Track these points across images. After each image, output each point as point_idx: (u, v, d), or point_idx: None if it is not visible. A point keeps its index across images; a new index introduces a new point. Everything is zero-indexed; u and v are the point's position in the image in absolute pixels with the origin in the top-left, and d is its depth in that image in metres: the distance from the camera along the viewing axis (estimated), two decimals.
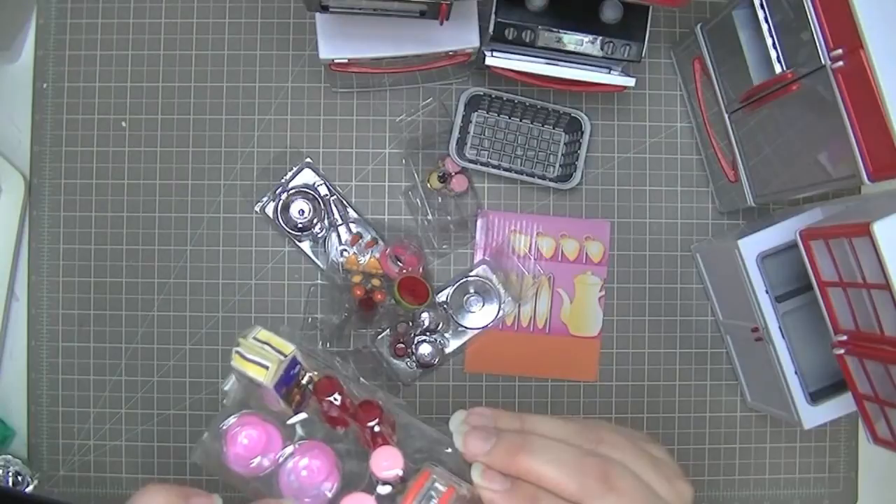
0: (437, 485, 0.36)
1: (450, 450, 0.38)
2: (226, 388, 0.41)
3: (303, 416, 0.40)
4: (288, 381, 0.39)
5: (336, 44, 0.60)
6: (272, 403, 0.40)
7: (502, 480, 0.35)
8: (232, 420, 0.40)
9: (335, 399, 0.39)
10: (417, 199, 0.71)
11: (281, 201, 0.70)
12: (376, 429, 0.38)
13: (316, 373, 0.41)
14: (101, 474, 0.71)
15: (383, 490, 0.37)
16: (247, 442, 0.39)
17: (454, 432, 0.37)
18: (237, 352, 0.38)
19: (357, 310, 0.69)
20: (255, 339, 0.39)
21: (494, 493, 0.34)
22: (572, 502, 0.34)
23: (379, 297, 0.69)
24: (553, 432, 0.37)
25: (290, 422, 0.40)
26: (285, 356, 0.38)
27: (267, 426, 0.39)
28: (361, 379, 0.42)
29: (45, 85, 0.72)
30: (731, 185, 0.68)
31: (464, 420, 0.37)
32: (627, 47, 0.61)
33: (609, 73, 0.63)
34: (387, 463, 0.36)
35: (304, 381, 0.40)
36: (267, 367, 0.37)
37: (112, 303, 0.71)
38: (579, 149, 0.70)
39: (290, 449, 0.39)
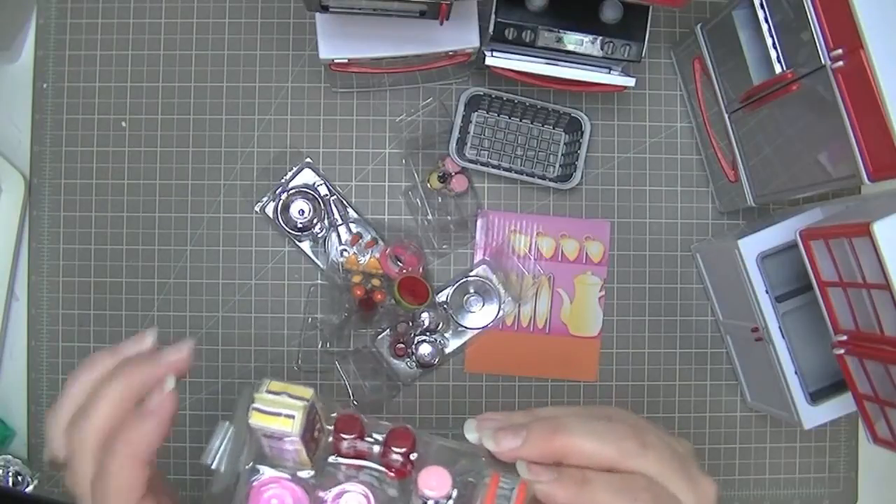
0: (508, 487, 0.35)
1: (483, 458, 0.37)
2: (214, 450, 0.38)
3: (332, 458, 0.39)
4: (309, 429, 0.37)
5: (336, 44, 0.60)
6: (286, 458, 0.38)
7: (548, 471, 0.35)
8: (261, 477, 0.38)
9: (355, 438, 0.37)
10: (417, 199, 0.71)
11: (281, 201, 0.70)
12: (412, 456, 0.37)
13: (333, 413, 0.39)
14: None
15: None
16: None
17: (484, 438, 0.37)
18: (255, 408, 0.36)
19: (357, 310, 0.69)
20: (268, 391, 0.36)
21: (544, 484, 0.35)
22: (612, 467, 0.35)
23: (379, 297, 0.69)
24: (572, 410, 0.38)
25: (330, 460, 0.38)
26: (307, 400, 0.36)
27: (297, 491, 0.37)
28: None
29: (45, 85, 0.72)
30: (731, 185, 0.68)
31: (478, 425, 0.37)
32: (627, 47, 0.61)
33: (609, 73, 0.63)
34: (436, 483, 0.35)
35: (320, 425, 0.39)
36: (293, 417, 0.35)
37: (112, 303, 0.71)
38: (579, 149, 0.70)
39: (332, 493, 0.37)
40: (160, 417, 0.39)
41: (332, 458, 0.38)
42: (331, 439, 0.38)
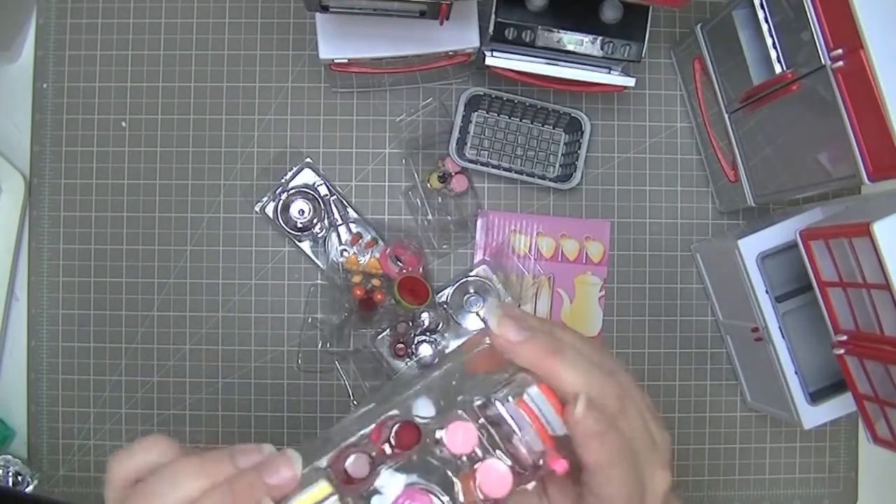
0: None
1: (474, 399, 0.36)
2: None
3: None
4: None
5: (336, 44, 0.60)
6: None
7: (518, 330, 0.35)
8: None
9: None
10: (417, 199, 0.71)
11: (281, 201, 0.70)
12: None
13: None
14: (101, 474, 0.71)
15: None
16: None
17: (489, 313, 0.36)
18: None
19: (357, 310, 0.69)
20: None
21: (511, 343, 0.34)
22: None
23: (379, 297, 0.69)
24: (579, 345, 0.37)
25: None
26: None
27: None
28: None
29: (45, 85, 0.72)
30: (731, 185, 0.68)
31: (499, 309, 0.37)
32: (627, 47, 0.61)
33: (609, 73, 0.63)
34: (463, 436, 0.34)
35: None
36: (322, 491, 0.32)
37: (112, 303, 0.71)
38: (579, 149, 0.70)
39: None
40: None
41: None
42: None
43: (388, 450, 0.34)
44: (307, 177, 0.71)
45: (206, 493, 0.32)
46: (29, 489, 0.68)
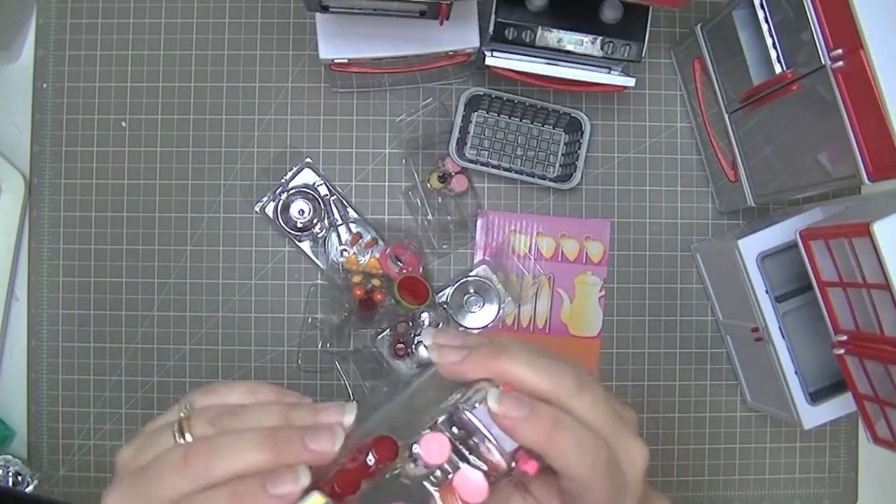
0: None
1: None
2: None
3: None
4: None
5: (336, 44, 0.60)
6: None
7: (457, 352, 0.35)
8: None
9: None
10: (417, 199, 0.71)
11: (281, 201, 0.70)
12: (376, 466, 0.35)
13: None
14: (101, 474, 0.71)
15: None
16: None
17: (429, 347, 0.37)
18: None
19: (357, 310, 0.69)
20: None
21: (513, 420, 0.34)
22: (548, 401, 0.35)
23: (379, 297, 0.69)
24: (520, 344, 0.37)
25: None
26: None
27: None
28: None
29: (45, 85, 0.72)
30: (731, 185, 0.68)
31: (434, 339, 0.37)
32: (627, 47, 0.61)
33: (609, 73, 0.63)
34: (438, 447, 0.34)
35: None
36: None
37: (112, 303, 0.71)
38: (579, 149, 0.70)
39: None
40: None
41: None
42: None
43: (370, 462, 0.34)
44: (307, 177, 0.71)
45: (251, 440, 0.33)
46: (29, 489, 0.68)
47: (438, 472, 0.34)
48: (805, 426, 0.61)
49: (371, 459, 0.34)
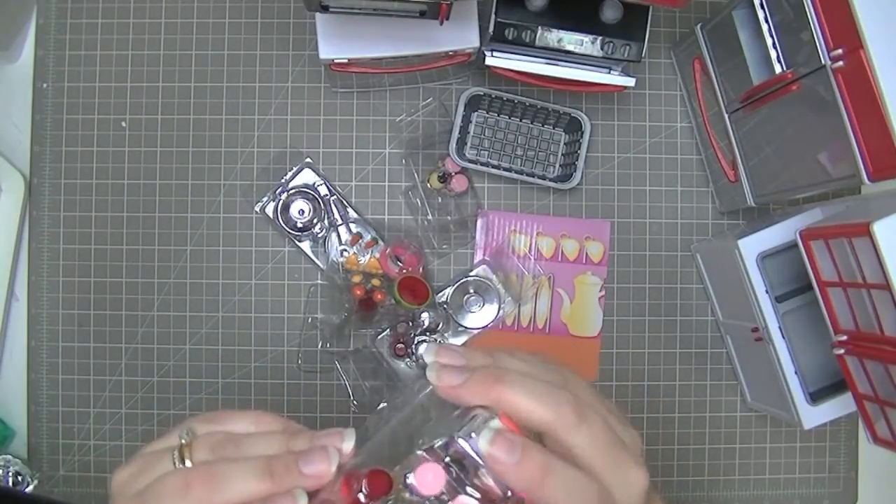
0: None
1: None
2: None
3: None
4: None
5: (336, 44, 0.60)
6: None
7: (457, 375, 0.35)
8: None
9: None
10: (417, 199, 0.71)
11: (281, 201, 0.70)
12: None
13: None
14: (101, 474, 0.71)
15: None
16: None
17: (428, 367, 0.36)
18: None
19: (357, 310, 0.69)
20: None
21: (504, 465, 0.34)
22: (544, 432, 0.35)
23: (379, 297, 0.69)
24: (523, 367, 0.37)
25: None
26: None
27: None
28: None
29: (45, 85, 0.72)
30: (731, 185, 0.68)
31: (435, 357, 0.37)
32: (627, 47, 0.61)
33: (609, 73, 0.63)
34: (433, 477, 0.34)
35: None
36: None
37: (112, 303, 0.71)
38: (579, 149, 0.70)
39: None
40: None
41: None
42: None
43: (361, 499, 0.34)
44: (307, 177, 0.71)
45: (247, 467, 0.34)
46: (29, 489, 0.68)
47: (435, 500, 0.34)
48: (805, 426, 0.61)
49: (362, 496, 0.34)
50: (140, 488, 0.35)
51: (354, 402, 0.71)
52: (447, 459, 0.34)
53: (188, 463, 0.35)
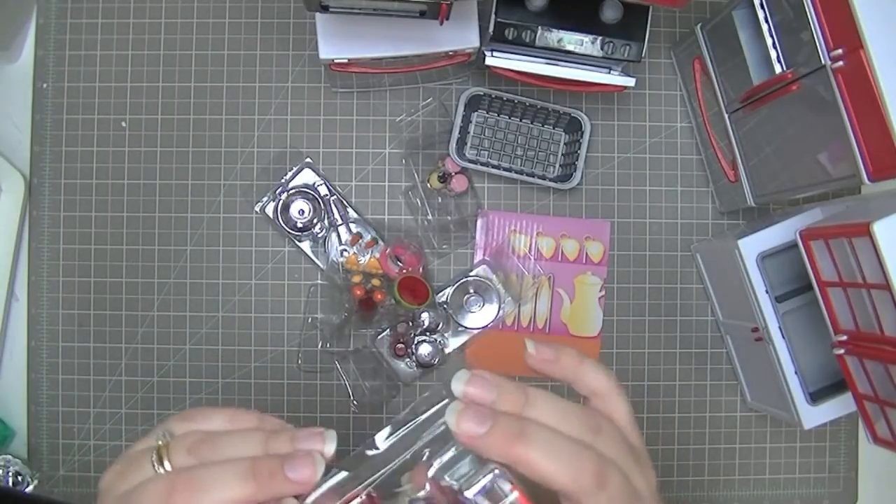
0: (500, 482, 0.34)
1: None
2: None
3: None
4: None
5: (336, 44, 0.60)
6: None
7: (480, 421, 0.34)
8: None
9: None
10: (417, 199, 0.71)
11: (281, 201, 0.70)
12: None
13: None
14: (100, 474, 0.70)
15: None
16: None
17: (449, 411, 0.35)
18: None
19: (357, 310, 0.69)
20: None
21: (474, 438, 0.33)
22: (560, 493, 0.34)
23: (379, 297, 0.69)
24: (554, 415, 0.36)
25: None
26: None
27: None
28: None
29: (45, 85, 0.72)
30: (731, 185, 0.68)
31: (465, 387, 0.36)
32: (627, 47, 0.61)
33: (609, 73, 0.63)
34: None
35: None
36: None
37: (112, 303, 0.71)
38: (579, 149, 0.70)
39: None
40: None
41: None
42: None
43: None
44: (307, 177, 0.71)
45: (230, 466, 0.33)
46: (29, 489, 0.68)
47: None
48: (805, 426, 0.61)
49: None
50: (125, 490, 0.34)
51: (354, 402, 0.71)
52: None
53: (166, 464, 0.34)
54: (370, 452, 0.36)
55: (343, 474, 0.35)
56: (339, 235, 0.70)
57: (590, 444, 0.35)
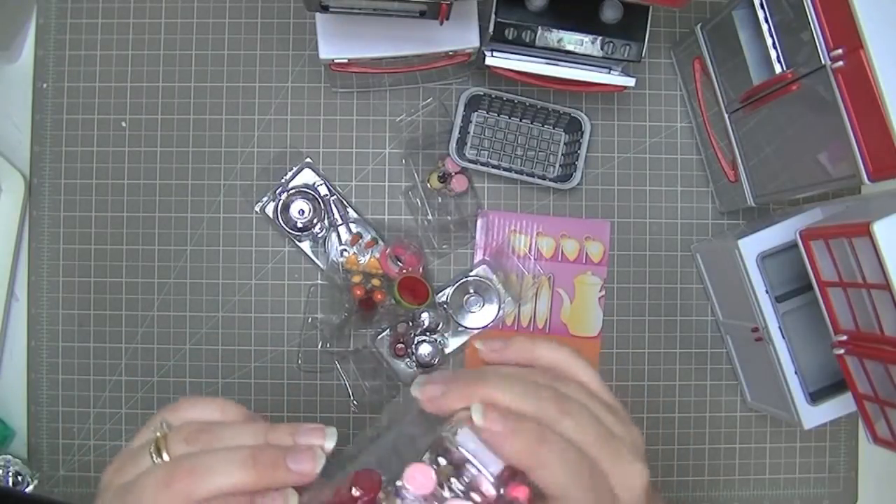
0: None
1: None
2: None
3: None
4: None
5: (336, 44, 0.60)
6: None
7: (503, 420, 0.34)
8: None
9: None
10: (417, 199, 0.71)
11: (281, 201, 0.70)
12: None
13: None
14: (100, 474, 0.71)
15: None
16: None
17: (412, 386, 0.37)
18: None
19: (357, 310, 0.69)
20: None
21: (497, 434, 0.34)
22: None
23: (379, 297, 0.69)
24: (509, 371, 0.38)
25: None
26: None
27: None
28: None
29: (45, 85, 0.72)
30: (731, 185, 0.68)
31: (420, 389, 0.37)
32: (627, 47, 0.61)
33: (609, 73, 0.63)
34: (422, 477, 0.34)
35: None
36: None
37: (112, 303, 0.71)
38: (579, 149, 0.70)
39: None
40: None
41: None
42: None
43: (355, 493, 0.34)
44: (307, 177, 0.71)
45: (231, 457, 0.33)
46: (29, 489, 0.68)
47: None
48: (805, 426, 0.61)
49: (356, 492, 0.33)
50: (123, 483, 0.35)
51: (354, 402, 0.71)
52: (438, 462, 0.34)
53: (165, 455, 0.34)
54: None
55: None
56: (339, 235, 0.70)
57: (548, 385, 0.36)
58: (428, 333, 0.71)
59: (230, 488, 0.33)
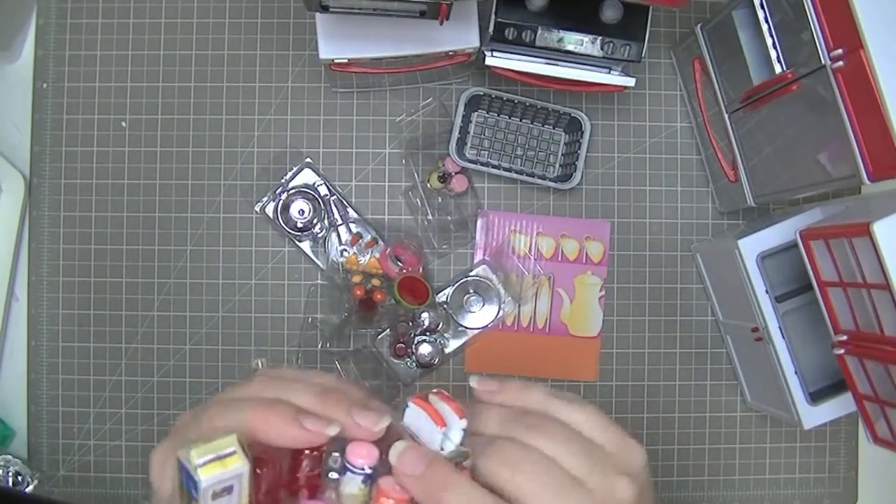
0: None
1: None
2: None
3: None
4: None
5: (336, 44, 0.60)
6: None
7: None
8: None
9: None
10: (417, 199, 0.71)
11: (281, 201, 0.70)
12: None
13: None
14: (101, 474, 0.71)
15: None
16: None
17: (392, 451, 0.38)
18: (199, 465, 0.33)
19: (357, 310, 0.69)
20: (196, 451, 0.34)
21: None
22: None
23: (379, 297, 0.69)
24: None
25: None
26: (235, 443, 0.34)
27: None
28: None
29: (45, 85, 0.72)
30: (731, 185, 0.68)
31: (479, 382, 0.44)
32: (627, 47, 0.61)
33: (609, 73, 0.63)
34: (366, 450, 0.37)
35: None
36: (234, 452, 0.34)
37: (112, 303, 0.71)
38: (579, 149, 0.70)
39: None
40: (294, 436, 0.37)
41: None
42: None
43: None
44: (307, 177, 0.71)
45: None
46: (29, 489, 0.68)
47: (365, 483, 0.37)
48: (805, 426, 0.61)
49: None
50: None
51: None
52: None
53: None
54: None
55: None
56: (339, 235, 0.70)
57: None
58: (428, 333, 0.71)
59: (296, 402, 0.38)
